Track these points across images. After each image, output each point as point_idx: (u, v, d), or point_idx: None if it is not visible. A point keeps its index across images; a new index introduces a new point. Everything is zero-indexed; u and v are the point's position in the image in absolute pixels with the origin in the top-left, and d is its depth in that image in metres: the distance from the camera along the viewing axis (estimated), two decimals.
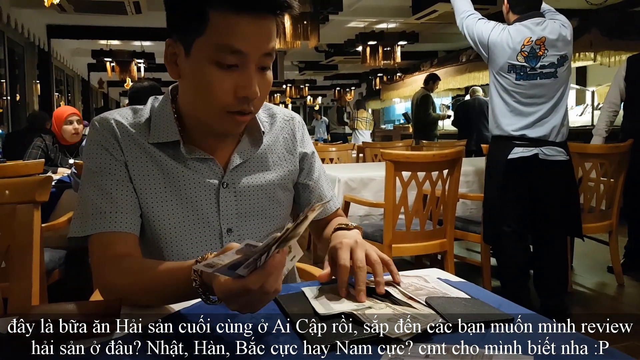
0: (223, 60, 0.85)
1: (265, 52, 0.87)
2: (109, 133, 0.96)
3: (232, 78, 0.86)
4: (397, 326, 0.69)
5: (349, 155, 4.98)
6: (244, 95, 0.86)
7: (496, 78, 2.64)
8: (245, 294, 0.64)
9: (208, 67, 0.86)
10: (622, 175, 3.22)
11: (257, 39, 0.85)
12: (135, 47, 9.78)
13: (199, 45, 0.86)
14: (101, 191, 0.93)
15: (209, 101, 0.88)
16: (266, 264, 0.63)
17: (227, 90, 0.86)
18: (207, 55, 0.85)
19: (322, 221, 1.16)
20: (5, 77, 7.24)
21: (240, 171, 1.02)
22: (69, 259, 2.44)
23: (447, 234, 2.67)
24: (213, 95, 0.87)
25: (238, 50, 0.84)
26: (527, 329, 0.73)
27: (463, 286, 0.91)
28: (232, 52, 0.84)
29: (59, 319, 0.71)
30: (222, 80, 0.86)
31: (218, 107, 0.88)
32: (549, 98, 2.57)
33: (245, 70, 0.86)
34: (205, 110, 0.91)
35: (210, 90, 0.87)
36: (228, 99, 0.87)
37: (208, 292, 0.73)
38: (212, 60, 0.85)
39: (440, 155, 2.54)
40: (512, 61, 2.55)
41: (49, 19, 7.91)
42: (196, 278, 0.73)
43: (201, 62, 0.86)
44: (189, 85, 0.92)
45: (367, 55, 7.95)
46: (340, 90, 16.59)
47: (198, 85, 0.89)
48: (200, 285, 0.73)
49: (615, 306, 3.07)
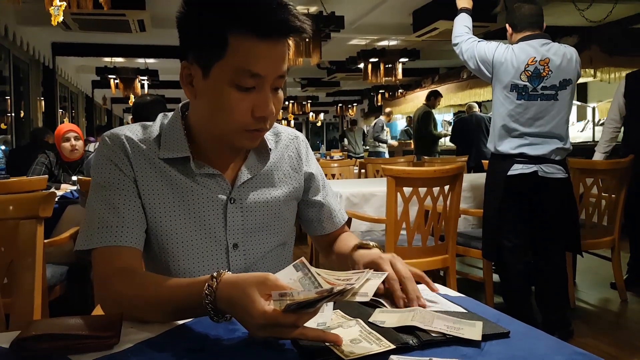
0: (242, 84, 0.88)
1: (280, 74, 0.90)
2: (119, 148, 0.97)
3: (249, 99, 0.89)
4: (358, 347, 0.70)
5: (350, 171, 5.00)
6: (261, 115, 0.90)
7: (498, 97, 2.65)
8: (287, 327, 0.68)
9: (227, 89, 0.88)
10: (624, 191, 3.22)
11: (273, 61, 0.88)
12: (139, 65, 9.86)
13: (219, 68, 0.88)
14: (108, 205, 0.94)
15: (228, 121, 0.91)
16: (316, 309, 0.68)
17: (246, 110, 0.89)
18: (226, 78, 0.88)
19: (329, 235, 1.20)
20: (10, 94, 7.30)
21: (247, 187, 1.04)
22: (71, 275, 2.44)
23: (449, 249, 2.66)
24: (233, 116, 0.90)
25: (257, 74, 0.87)
26: (523, 343, 0.73)
27: (462, 301, 0.92)
28: (251, 76, 0.87)
29: (60, 334, 0.71)
30: (241, 102, 0.89)
31: (237, 126, 0.91)
32: (549, 120, 2.58)
33: (262, 91, 0.89)
34: (224, 129, 0.93)
35: (230, 111, 0.90)
36: (246, 119, 0.90)
37: (218, 310, 0.75)
38: (232, 83, 0.88)
39: (442, 171, 2.55)
40: (516, 80, 2.57)
41: (54, 36, 8.01)
42: (209, 294, 0.74)
43: (220, 84, 0.89)
44: (206, 106, 0.94)
45: (368, 71, 8.00)
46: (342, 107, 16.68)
47: (216, 106, 0.91)
48: (211, 302, 0.75)
49: (619, 322, 3.05)
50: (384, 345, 0.70)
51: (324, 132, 23.29)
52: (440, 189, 2.57)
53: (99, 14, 5.50)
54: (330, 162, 5.27)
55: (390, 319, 0.79)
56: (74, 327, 0.74)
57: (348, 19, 6.65)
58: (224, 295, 0.74)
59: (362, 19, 7.28)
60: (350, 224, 2.99)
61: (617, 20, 6.49)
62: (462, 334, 0.73)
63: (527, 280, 2.71)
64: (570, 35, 6.50)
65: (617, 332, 2.83)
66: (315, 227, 1.19)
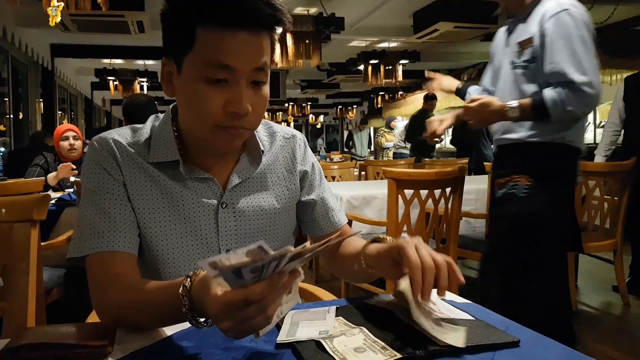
0: (212, 76, 0.84)
1: (256, 66, 0.86)
2: (108, 153, 0.95)
3: (222, 94, 0.85)
4: (363, 356, 0.67)
5: (350, 173, 4.97)
6: (233, 110, 0.86)
7: None
8: (243, 307, 0.60)
9: (198, 84, 0.86)
10: (626, 193, 3.20)
11: (245, 53, 0.84)
12: (139, 66, 9.85)
13: (189, 62, 0.86)
14: (99, 211, 0.92)
15: (200, 117, 0.88)
16: (273, 277, 0.60)
17: (217, 105, 0.86)
18: (196, 72, 0.85)
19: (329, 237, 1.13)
20: (9, 96, 7.28)
21: (239, 191, 1.00)
22: (68, 278, 2.42)
23: (451, 252, 2.64)
24: (203, 111, 0.87)
25: (226, 65, 0.84)
26: (534, 353, 0.70)
27: (468, 307, 0.89)
28: (220, 67, 0.84)
29: (52, 343, 0.69)
30: (212, 96, 0.85)
31: (209, 123, 0.87)
32: None
33: (235, 85, 0.85)
34: (197, 127, 0.90)
35: (200, 106, 0.86)
36: (218, 115, 0.86)
37: (196, 313, 0.70)
38: (202, 77, 0.85)
39: (443, 173, 2.52)
40: None
41: (53, 38, 7.99)
42: (185, 294, 0.70)
43: (191, 79, 0.86)
44: (182, 103, 0.92)
45: (369, 73, 8.00)
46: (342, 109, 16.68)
47: (189, 102, 0.89)
48: (188, 304, 0.70)
49: (621, 326, 3.02)
50: (389, 355, 0.67)
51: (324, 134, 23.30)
52: (442, 192, 2.55)
53: (97, 15, 5.48)
54: (331, 164, 5.25)
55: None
56: (66, 336, 0.71)
57: (348, 21, 6.63)
58: (196, 295, 0.69)
59: (362, 21, 7.27)
60: (351, 227, 2.96)
61: (618, 22, 6.47)
62: (445, 339, 0.71)
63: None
64: None
65: (619, 336, 2.81)
66: (312, 227, 1.13)
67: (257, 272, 0.59)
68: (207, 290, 0.65)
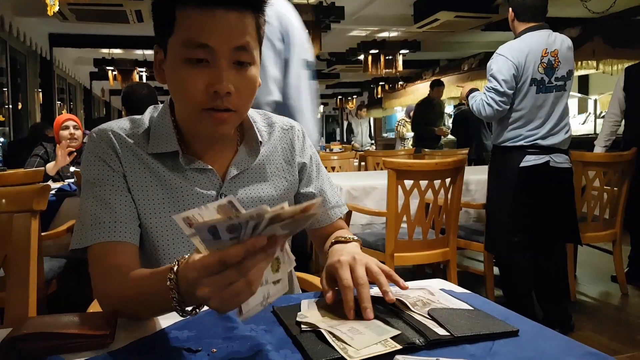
0: (191, 56, 0.85)
1: (236, 45, 0.86)
2: (107, 145, 0.95)
3: (203, 75, 0.85)
4: (363, 340, 0.68)
5: (350, 164, 4.97)
6: (214, 90, 0.85)
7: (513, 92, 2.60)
8: (221, 270, 0.58)
9: (180, 66, 0.86)
10: (626, 184, 3.20)
11: (223, 32, 0.84)
12: (138, 56, 9.80)
13: (171, 45, 0.88)
14: (100, 202, 0.92)
15: (184, 100, 0.89)
16: (251, 239, 0.57)
17: (199, 87, 0.86)
18: (178, 54, 0.86)
19: (324, 230, 1.13)
20: (7, 86, 7.25)
21: (237, 182, 1.00)
22: (68, 268, 2.42)
23: (450, 243, 2.64)
24: (185, 93, 0.87)
25: (204, 44, 0.84)
26: (533, 343, 0.71)
27: (467, 297, 0.89)
28: (198, 47, 0.84)
29: (53, 332, 0.69)
30: (193, 77, 0.86)
31: (192, 105, 0.88)
32: (559, 110, 2.59)
33: (215, 65, 0.85)
34: (184, 111, 0.92)
35: (183, 88, 0.87)
36: (200, 96, 0.86)
37: (184, 297, 0.68)
38: (182, 58, 0.86)
39: (443, 163, 2.52)
40: (534, 75, 2.55)
41: (51, 27, 7.94)
42: (172, 276, 0.67)
43: (174, 62, 0.87)
44: (170, 89, 0.93)
45: (369, 63, 7.96)
46: (342, 99, 16.64)
47: (174, 85, 0.90)
48: (175, 290, 0.67)
49: (620, 316, 3.04)
50: (390, 346, 0.67)
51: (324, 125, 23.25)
52: (442, 182, 2.55)
53: (95, 4, 5.45)
54: (330, 155, 5.24)
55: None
56: (68, 326, 0.72)
57: (348, 10, 6.59)
58: (182, 274, 0.67)
59: (362, 10, 7.22)
60: (351, 217, 2.96)
61: (620, 12, 6.43)
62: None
63: (530, 275, 2.69)
64: (573, 26, 6.45)
65: (617, 326, 2.82)
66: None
67: (234, 232, 0.56)
68: (186, 264, 0.65)
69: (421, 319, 0.76)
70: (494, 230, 2.77)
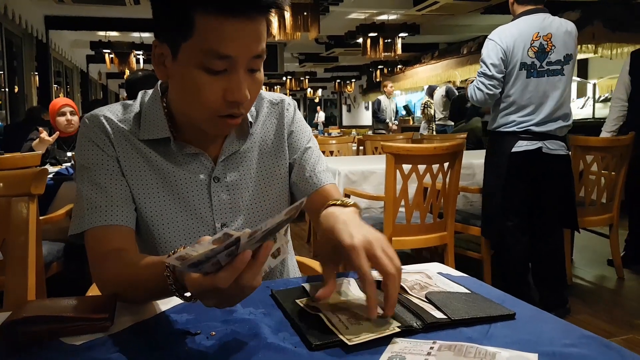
0: (211, 66, 0.81)
1: (255, 54, 0.83)
2: (99, 129, 0.95)
3: (221, 82, 0.83)
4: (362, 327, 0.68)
5: (349, 148, 4.96)
6: (233, 99, 0.83)
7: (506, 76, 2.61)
8: (217, 291, 0.60)
9: (196, 72, 0.82)
10: (624, 169, 3.20)
11: (245, 42, 0.81)
12: (134, 39, 9.72)
13: (186, 49, 0.82)
14: (95, 186, 0.92)
15: (198, 106, 0.85)
16: (234, 260, 0.59)
17: (217, 94, 0.83)
18: (194, 60, 0.82)
19: (316, 201, 1.01)
20: (3, 69, 7.19)
21: (229, 164, 1.00)
22: (67, 252, 2.43)
23: (448, 227, 2.65)
24: (202, 100, 0.84)
25: (226, 55, 0.80)
26: (529, 326, 0.71)
27: (465, 281, 0.90)
28: (220, 58, 0.81)
29: (52, 316, 0.69)
30: (211, 85, 0.83)
31: (208, 111, 0.85)
32: (556, 96, 2.57)
33: (234, 74, 0.82)
34: (194, 114, 0.88)
35: (199, 95, 0.84)
36: (218, 104, 0.84)
37: (182, 289, 0.69)
38: (200, 65, 0.82)
39: (441, 148, 2.52)
40: (524, 59, 2.53)
41: (47, 9, 7.85)
42: (169, 274, 0.69)
43: (189, 67, 0.83)
44: (178, 88, 0.90)
45: (367, 47, 7.91)
46: (340, 83, 16.56)
47: (187, 89, 0.85)
48: (173, 282, 0.68)
49: (616, 299, 3.06)
50: (387, 328, 0.68)
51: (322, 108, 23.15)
52: (440, 166, 2.55)
53: None
54: (329, 139, 5.23)
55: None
56: (67, 309, 0.72)
57: None
58: (180, 279, 0.68)
59: None
60: None
61: None
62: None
63: (526, 259, 2.71)
64: (573, 10, 6.39)
65: (613, 310, 2.84)
66: (295, 192, 1.08)
67: (213, 259, 0.58)
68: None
69: (419, 302, 0.77)
70: (486, 215, 2.78)
